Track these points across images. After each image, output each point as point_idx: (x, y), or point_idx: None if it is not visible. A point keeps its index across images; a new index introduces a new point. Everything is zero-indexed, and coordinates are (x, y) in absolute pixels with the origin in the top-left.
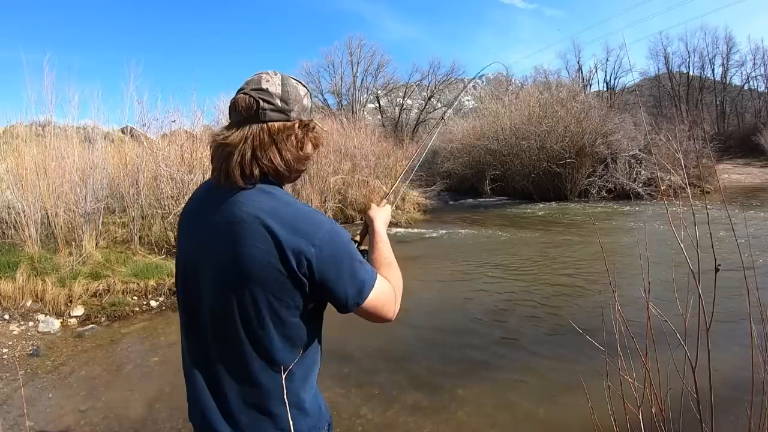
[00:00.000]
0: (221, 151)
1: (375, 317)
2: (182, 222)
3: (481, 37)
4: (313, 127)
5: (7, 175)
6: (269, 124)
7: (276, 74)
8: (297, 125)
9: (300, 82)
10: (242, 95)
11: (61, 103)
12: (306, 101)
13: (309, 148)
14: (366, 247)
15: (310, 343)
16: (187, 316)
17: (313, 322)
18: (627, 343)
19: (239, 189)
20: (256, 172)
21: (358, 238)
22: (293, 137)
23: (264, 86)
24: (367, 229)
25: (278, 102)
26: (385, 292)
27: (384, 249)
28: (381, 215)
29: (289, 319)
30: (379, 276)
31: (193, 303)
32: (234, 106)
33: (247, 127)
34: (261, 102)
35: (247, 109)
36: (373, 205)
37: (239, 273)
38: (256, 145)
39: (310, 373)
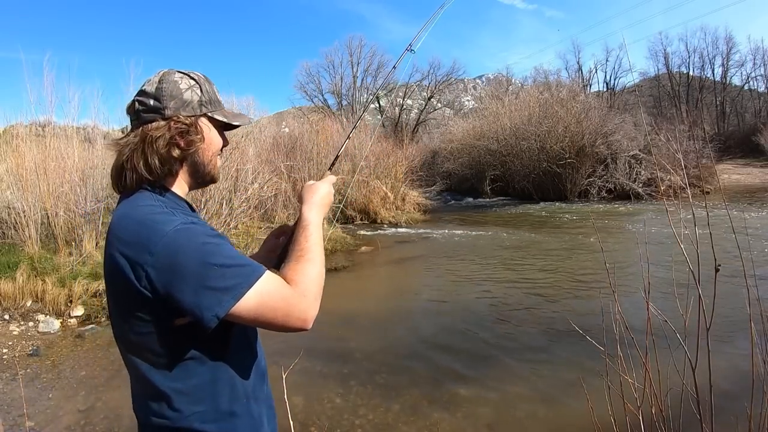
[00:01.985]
0: (115, 161)
1: (266, 326)
2: None
3: (481, 38)
4: (188, 124)
5: (7, 176)
6: (143, 126)
7: (159, 72)
8: (170, 125)
9: (188, 75)
10: (129, 104)
11: (61, 103)
12: (189, 95)
13: (188, 145)
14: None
15: (191, 368)
16: None
17: (191, 340)
18: (627, 343)
19: (120, 199)
20: (137, 178)
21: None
22: (161, 138)
23: (143, 87)
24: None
25: (151, 101)
26: (272, 294)
27: (302, 238)
28: (313, 195)
29: (153, 337)
30: (269, 275)
31: None
32: (129, 112)
33: (132, 134)
34: (136, 104)
35: (131, 114)
36: (309, 182)
37: (108, 288)
38: (134, 149)
39: (205, 399)
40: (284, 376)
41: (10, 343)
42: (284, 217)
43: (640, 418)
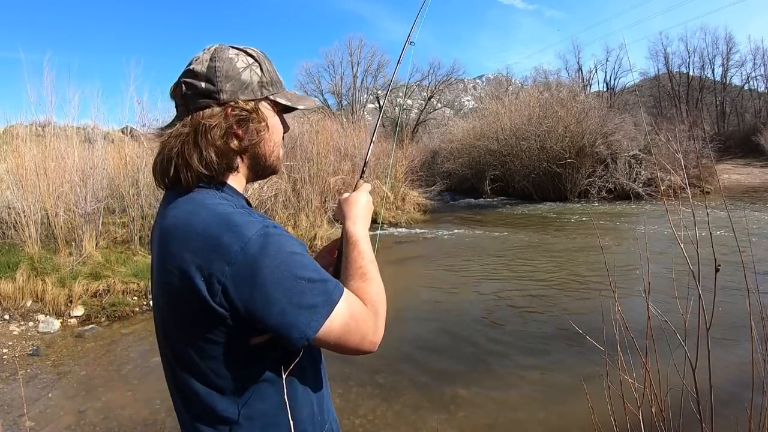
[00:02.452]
0: (159, 154)
1: (342, 349)
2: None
3: (481, 38)
4: (249, 110)
5: (7, 176)
6: (194, 114)
7: (210, 48)
8: (227, 111)
9: (245, 51)
10: (175, 84)
11: (61, 103)
12: (247, 75)
13: (252, 136)
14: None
15: (272, 386)
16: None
17: (270, 360)
18: (627, 343)
19: (173, 195)
20: (190, 174)
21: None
22: (216, 128)
23: (191, 66)
24: (345, 238)
25: (202, 83)
26: (354, 315)
27: (356, 255)
28: (353, 208)
29: (225, 359)
30: (346, 294)
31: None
32: (173, 95)
33: (182, 121)
34: (183, 86)
35: (177, 99)
36: (344, 195)
37: (165, 300)
38: (184, 142)
39: (283, 423)
40: (284, 377)
41: (10, 343)
42: (284, 217)
43: (640, 418)
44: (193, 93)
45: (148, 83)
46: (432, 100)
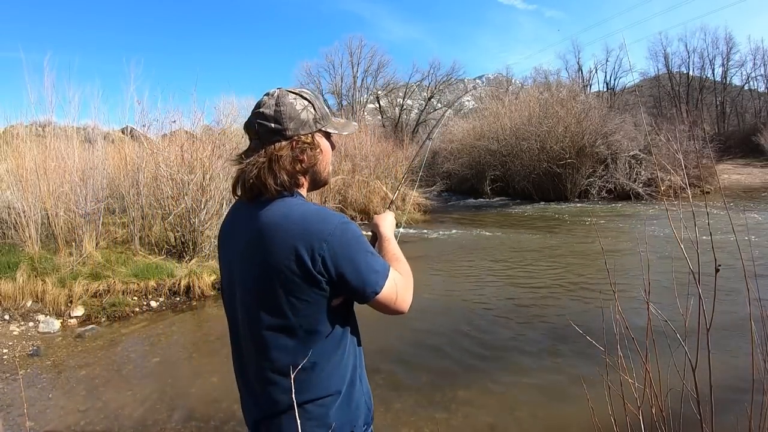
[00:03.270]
0: (240, 174)
1: (390, 308)
2: (219, 240)
3: (481, 38)
4: (308, 142)
5: (8, 176)
6: (266, 147)
7: (274, 94)
8: (293, 144)
9: (300, 94)
10: (249, 120)
11: (61, 103)
12: (305, 114)
13: (311, 159)
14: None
15: (337, 338)
16: (229, 323)
17: (339, 318)
18: (627, 343)
19: (260, 204)
20: (272, 189)
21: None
22: (285, 158)
23: (260, 109)
24: (375, 235)
25: (272, 124)
26: (399, 283)
27: (389, 247)
28: (385, 220)
29: (313, 316)
30: (391, 268)
31: (231, 312)
32: (247, 131)
33: (255, 153)
34: (257, 126)
35: (252, 134)
36: (376, 215)
37: (263, 280)
38: (262, 167)
39: (340, 367)
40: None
41: (10, 343)
42: None
43: (640, 418)
44: (265, 131)
45: (148, 83)
46: (432, 100)
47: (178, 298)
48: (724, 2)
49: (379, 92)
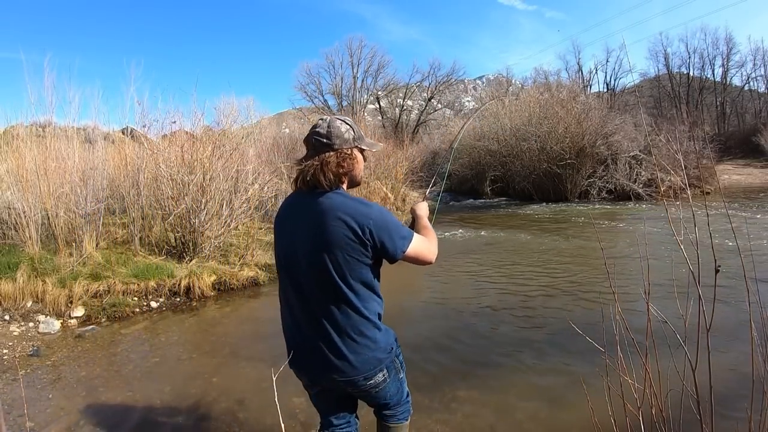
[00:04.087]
0: (303, 172)
1: (418, 261)
2: (278, 221)
3: (481, 39)
4: (348, 153)
5: (8, 176)
6: (320, 155)
7: (326, 119)
8: (338, 154)
9: (344, 121)
10: (307, 136)
11: (61, 103)
12: (348, 134)
13: (350, 166)
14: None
15: (376, 284)
16: (290, 283)
17: (376, 271)
18: (627, 343)
19: (317, 194)
20: (323, 184)
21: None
22: (332, 163)
23: (318, 129)
24: (413, 216)
25: (324, 139)
26: (422, 243)
27: (423, 222)
28: (420, 208)
29: (362, 269)
30: (416, 235)
31: (295, 274)
32: (306, 143)
33: (314, 158)
34: (314, 140)
35: (309, 146)
36: (414, 204)
37: (326, 243)
38: (316, 168)
39: (381, 304)
40: (274, 377)
41: (10, 343)
42: None
43: (640, 418)
44: (319, 144)
45: (148, 84)
46: (432, 100)
47: (178, 299)
48: (724, 2)
49: (380, 93)
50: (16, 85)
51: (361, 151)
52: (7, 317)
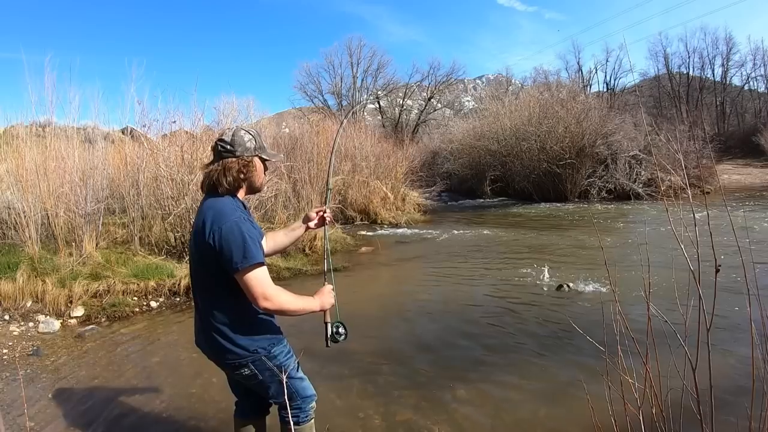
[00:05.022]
0: (207, 176)
1: (249, 291)
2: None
3: (481, 40)
4: (248, 161)
5: (8, 176)
6: (223, 160)
7: (231, 129)
8: (239, 161)
9: (248, 131)
10: (213, 144)
11: (61, 103)
12: (249, 144)
13: (249, 173)
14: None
15: (234, 287)
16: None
17: (231, 276)
18: (627, 343)
19: (212, 196)
20: (223, 187)
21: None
22: (233, 169)
23: (222, 137)
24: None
25: (228, 146)
26: (263, 278)
27: (300, 299)
28: (319, 293)
29: (218, 269)
30: (263, 268)
31: (191, 270)
32: (212, 150)
33: (217, 163)
34: (219, 147)
35: (214, 153)
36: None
37: (198, 243)
38: (219, 173)
39: (246, 305)
40: (284, 380)
41: (10, 343)
42: (284, 218)
43: (640, 418)
44: (222, 150)
45: (148, 84)
46: (432, 100)
47: (178, 299)
48: (724, 2)
49: (379, 92)
50: (17, 85)
51: (263, 160)
52: (6, 317)
